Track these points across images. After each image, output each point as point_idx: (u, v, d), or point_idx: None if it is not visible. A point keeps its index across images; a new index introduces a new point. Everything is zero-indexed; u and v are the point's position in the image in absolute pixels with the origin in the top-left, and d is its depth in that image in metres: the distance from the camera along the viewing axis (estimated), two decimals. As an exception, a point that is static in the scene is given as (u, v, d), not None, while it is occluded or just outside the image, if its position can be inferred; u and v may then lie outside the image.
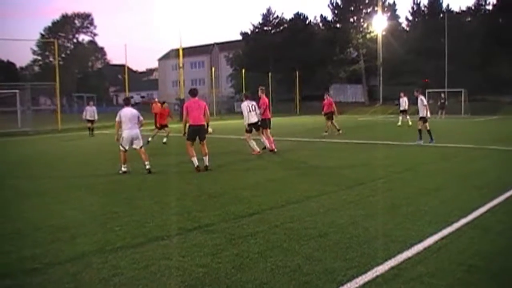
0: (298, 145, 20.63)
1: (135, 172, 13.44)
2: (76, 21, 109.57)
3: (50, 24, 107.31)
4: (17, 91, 38.81)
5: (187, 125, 13.53)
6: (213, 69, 66.24)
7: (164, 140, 22.24)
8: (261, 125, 17.30)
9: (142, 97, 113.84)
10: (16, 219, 8.34)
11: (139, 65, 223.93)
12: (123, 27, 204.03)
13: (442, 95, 47.16)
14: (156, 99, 35.34)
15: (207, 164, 13.46)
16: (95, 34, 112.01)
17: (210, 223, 7.55)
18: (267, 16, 78.90)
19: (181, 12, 44.62)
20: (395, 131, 28.28)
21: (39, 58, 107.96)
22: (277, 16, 79.11)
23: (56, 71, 38.36)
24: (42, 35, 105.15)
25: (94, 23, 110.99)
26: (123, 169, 13.37)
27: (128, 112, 13.47)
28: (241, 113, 17.24)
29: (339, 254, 5.95)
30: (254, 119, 16.87)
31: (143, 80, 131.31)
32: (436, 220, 7.46)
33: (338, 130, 25.37)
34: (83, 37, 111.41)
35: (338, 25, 72.92)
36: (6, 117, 39.84)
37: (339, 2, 71.85)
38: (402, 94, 32.89)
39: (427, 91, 52.76)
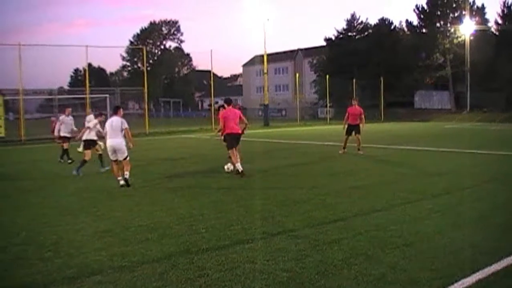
0: (383, 152, 20.34)
1: (221, 176, 13.73)
2: (164, 28, 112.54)
3: (138, 32, 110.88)
4: (107, 95, 40.31)
5: (224, 133, 14.27)
6: (297, 75, 66.09)
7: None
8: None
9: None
10: (107, 218, 8.72)
11: (224, 71, 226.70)
12: (208, 33, 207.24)
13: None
14: (240, 105, 35.74)
15: (242, 168, 13.59)
16: (181, 41, 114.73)
17: (294, 228, 7.61)
18: (351, 22, 78.04)
19: (266, 18, 45.04)
20: (481, 139, 27.41)
21: (128, 64, 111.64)
22: (362, 22, 78.03)
23: (144, 76, 39.55)
24: (131, 42, 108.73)
25: (180, 30, 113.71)
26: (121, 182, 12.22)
27: (110, 121, 13.16)
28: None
29: (425, 264, 5.86)
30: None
31: (228, 86, 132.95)
32: (528, 232, 7.22)
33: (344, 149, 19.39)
34: (170, 44, 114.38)
35: (424, 30, 71.16)
36: (97, 121, 41.39)
37: (425, 7, 70.13)
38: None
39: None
